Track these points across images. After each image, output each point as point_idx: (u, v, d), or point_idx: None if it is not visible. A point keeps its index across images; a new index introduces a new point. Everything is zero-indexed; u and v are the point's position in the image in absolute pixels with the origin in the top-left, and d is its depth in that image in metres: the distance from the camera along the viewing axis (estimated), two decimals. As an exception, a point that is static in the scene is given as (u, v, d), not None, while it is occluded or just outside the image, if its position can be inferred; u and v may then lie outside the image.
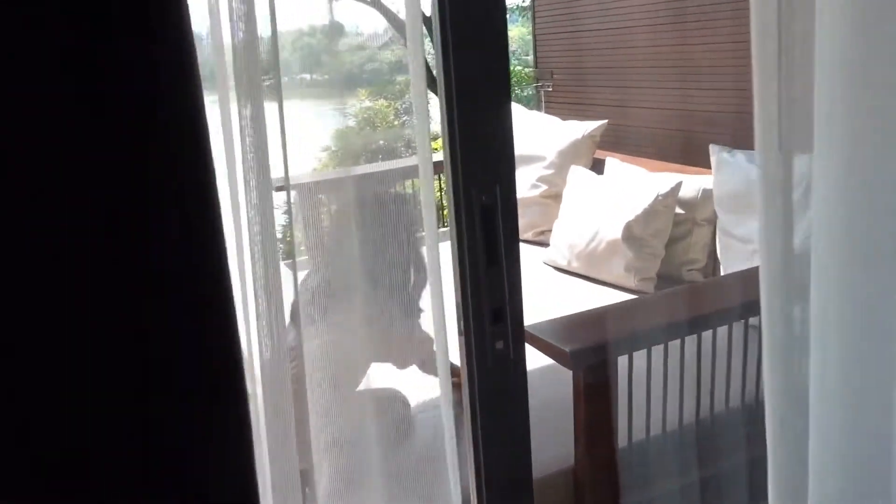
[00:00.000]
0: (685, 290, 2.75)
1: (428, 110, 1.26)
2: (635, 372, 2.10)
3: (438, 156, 1.32)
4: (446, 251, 1.27)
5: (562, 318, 2.18)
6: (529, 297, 3.74)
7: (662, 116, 4.47)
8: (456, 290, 1.24)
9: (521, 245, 4.57)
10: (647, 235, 3.60)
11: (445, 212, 1.31)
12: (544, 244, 4.24)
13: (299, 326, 1.39)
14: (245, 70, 1.08)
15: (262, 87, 1.12)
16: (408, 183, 1.46)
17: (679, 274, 3.72)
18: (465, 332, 1.25)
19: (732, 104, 3.88)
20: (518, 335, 1.27)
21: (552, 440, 2.31)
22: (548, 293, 3.70)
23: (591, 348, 2.00)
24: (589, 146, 4.36)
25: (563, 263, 3.93)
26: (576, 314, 2.20)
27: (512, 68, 16.79)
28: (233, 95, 1.14)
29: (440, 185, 2.68)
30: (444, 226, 1.47)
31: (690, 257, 3.72)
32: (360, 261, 1.38)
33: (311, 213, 1.40)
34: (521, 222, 4.46)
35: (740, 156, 3.31)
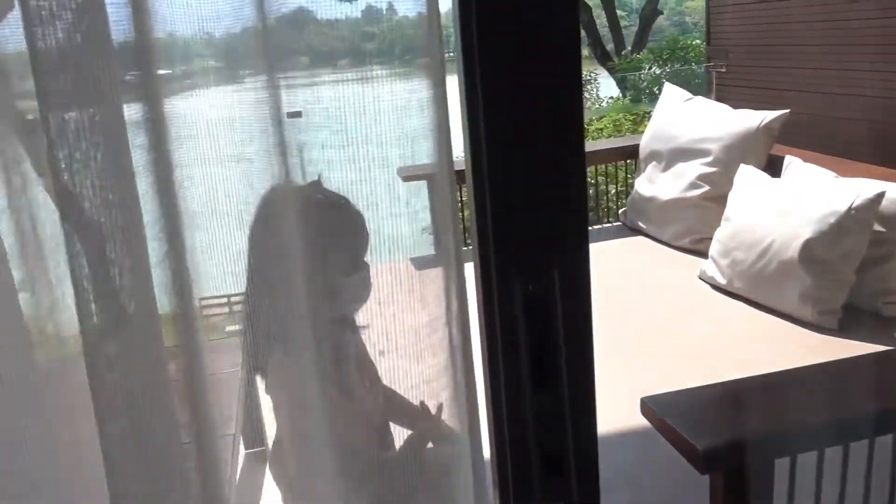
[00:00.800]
0: (884, 359, 2.07)
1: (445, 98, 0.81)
2: (801, 472, 1.52)
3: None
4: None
5: (695, 390, 1.63)
6: (672, 320, 3.19)
7: (863, 106, 3.64)
8: (488, 420, 0.78)
9: (674, 253, 3.97)
10: (832, 257, 2.89)
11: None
12: (701, 254, 3.60)
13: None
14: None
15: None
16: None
17: (874, 306, 2.98)
18: (501, 485, 0.79)
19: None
20: (589, 495, 0.78)
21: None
22: (698, 318, 3.09)
23: (736, 446, 1.45)
24: (764, 141, 3.63)
25: (721, 281, 3.29)
26: (715, 386, 1.64)
27: (690, 42, 15.62)
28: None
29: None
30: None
31: (890, 287, 2.96)
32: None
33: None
34: (676, 227, 3.86)
35: (970, 163, 2.52)
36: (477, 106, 0.73)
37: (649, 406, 1.56)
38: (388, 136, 0.95)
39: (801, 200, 3.04)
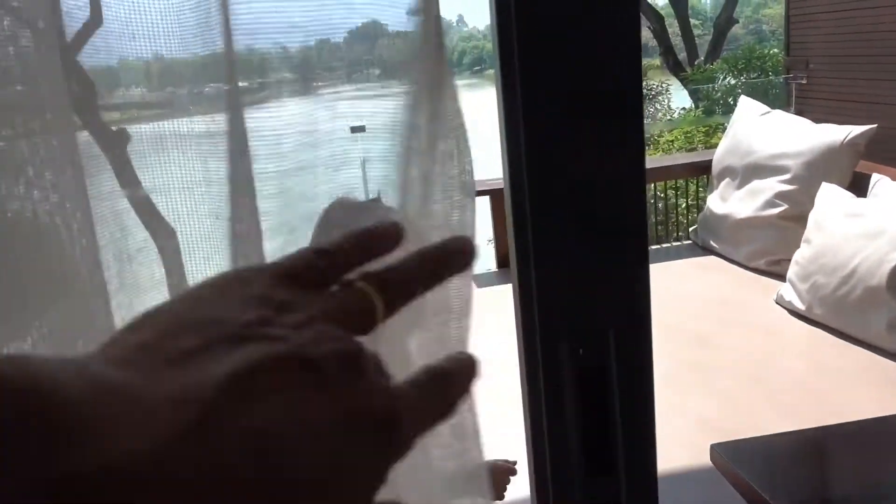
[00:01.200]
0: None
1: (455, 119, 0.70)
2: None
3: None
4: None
5: (772, 438, 1.49)
6: (747, 348, 3.01)
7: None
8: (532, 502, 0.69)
9: (749, 274, 3.76)
10: (924, 284, 2.68)
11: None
12: (778, 276, 3.40)
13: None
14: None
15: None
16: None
17: (970, 339, 2.74)
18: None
19: None
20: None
21: None
22: (775, 347, 2.90)
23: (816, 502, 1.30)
24: (849, 158, 3.41)
25: (800, 307, 3.09)
26: (795, 434, 1.50)
27: (767, 51, 15.10)
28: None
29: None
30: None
31: None
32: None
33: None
34: (751, 247, 3.66)
35: None
36: (518, 130, 0.63)
37: (720, 454, 1.43)
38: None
39: (889, 222, 2.83)
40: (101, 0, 0.80)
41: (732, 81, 13.13)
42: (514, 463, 1.43)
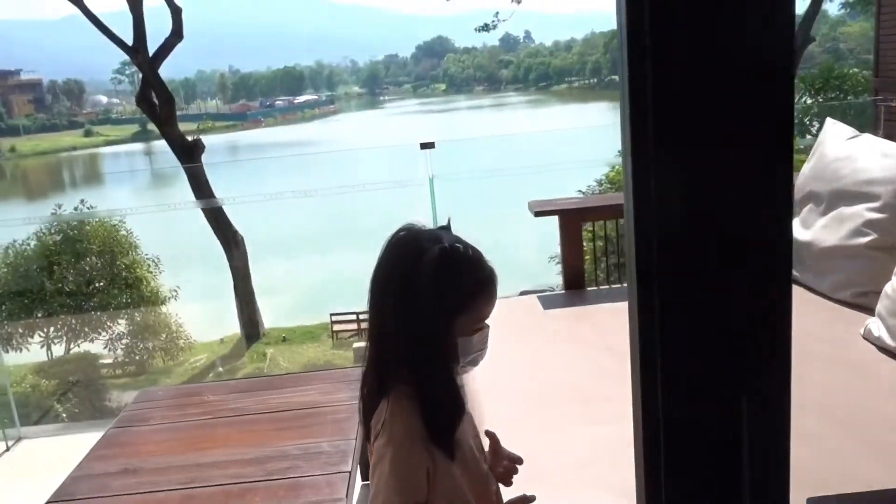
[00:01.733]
0: None
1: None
2: None
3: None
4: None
5: (882, 495, 1.37)
6: (834, 386, 2.82)
7: None
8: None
9: (833, 306, 3.56)
10: None
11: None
12: (866, 309, 3.21)
13: None
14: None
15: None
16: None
17: None
18: None
19: None
20: None
21: None
22: (865, 386, 2.72)
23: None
24: (947, 186, 3.21)
25: (890, 343, 2.90)
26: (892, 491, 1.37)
27: (847, 70, 14.59)
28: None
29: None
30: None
31: None
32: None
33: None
34: (836, 277, 3.48)
35: None
36: (648, 173, 0.56)
37: (816, 507, 1.31)
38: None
39: None
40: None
41: (809, 101, 12.70)
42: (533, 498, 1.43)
